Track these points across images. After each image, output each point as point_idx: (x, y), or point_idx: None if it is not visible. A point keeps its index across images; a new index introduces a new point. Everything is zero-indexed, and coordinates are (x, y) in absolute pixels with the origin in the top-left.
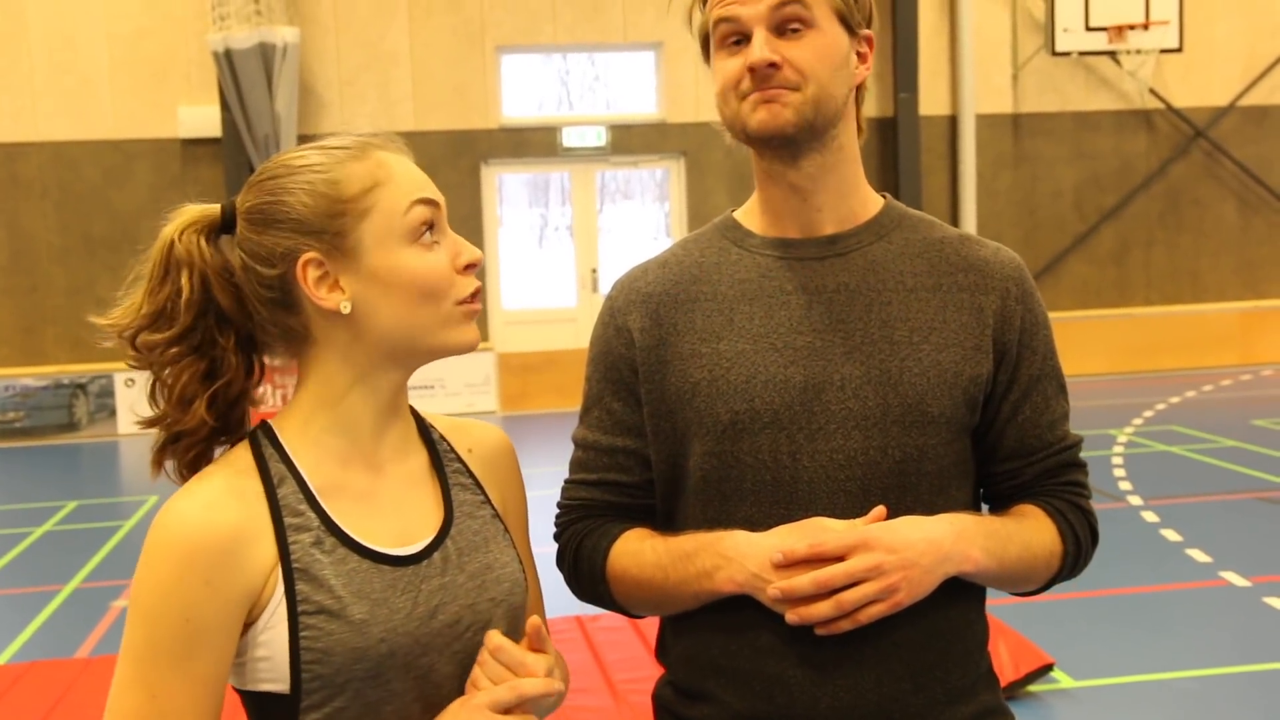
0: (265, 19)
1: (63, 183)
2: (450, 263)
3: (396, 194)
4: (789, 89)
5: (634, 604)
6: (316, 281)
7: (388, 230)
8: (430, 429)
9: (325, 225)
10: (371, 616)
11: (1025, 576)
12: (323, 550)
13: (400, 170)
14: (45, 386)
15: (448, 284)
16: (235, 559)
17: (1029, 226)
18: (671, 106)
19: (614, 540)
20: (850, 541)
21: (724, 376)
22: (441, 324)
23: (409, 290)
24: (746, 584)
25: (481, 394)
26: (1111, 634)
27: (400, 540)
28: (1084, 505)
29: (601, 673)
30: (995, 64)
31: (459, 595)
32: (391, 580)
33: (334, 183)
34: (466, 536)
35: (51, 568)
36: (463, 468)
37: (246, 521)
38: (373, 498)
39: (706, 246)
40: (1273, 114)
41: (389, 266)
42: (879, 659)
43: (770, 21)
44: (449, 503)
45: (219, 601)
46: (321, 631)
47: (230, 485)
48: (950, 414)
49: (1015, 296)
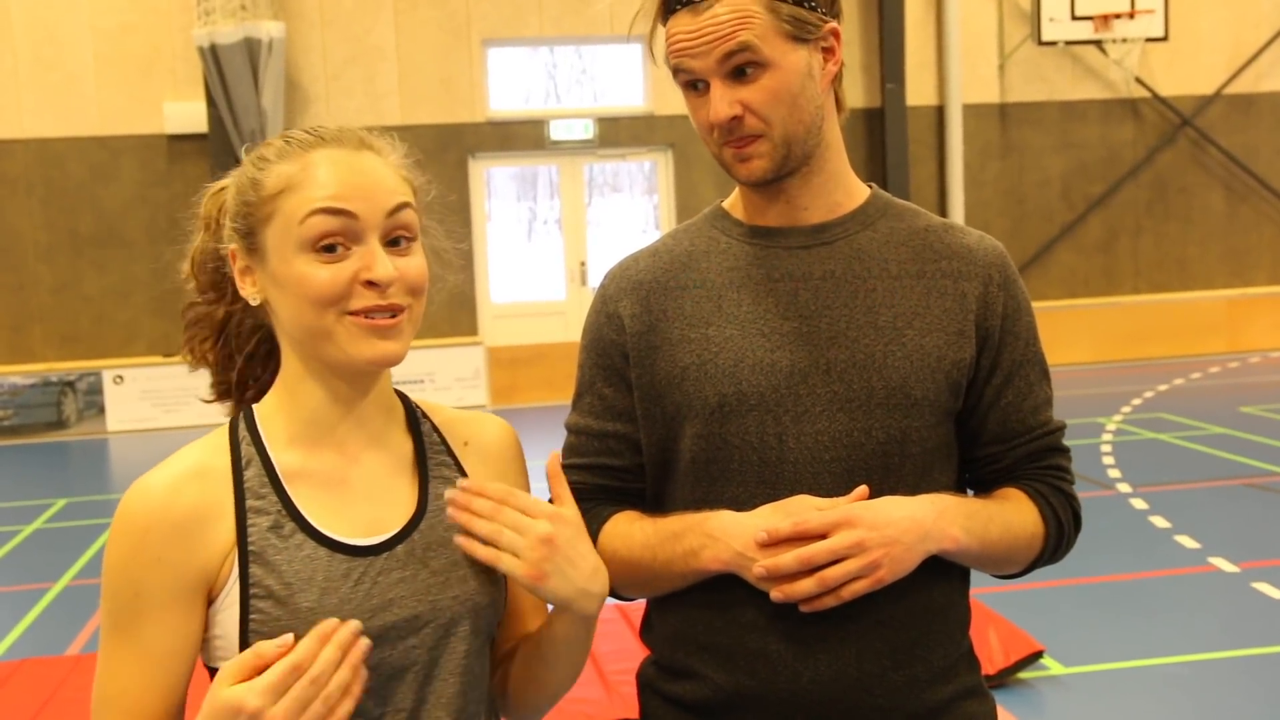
0: (250, 14)
1: (48, 179)
2: (353, 275)
3: (300, 201)
4: (756, 137)
5: (623, 585)
6: (240, 272)
7: (285, 236)
8: (423, 420)
9: (240, 223)
10: (319, 605)
11: (1006, 557)
12: (279, 535)
13: (322, 175)
14: (33, 384)
15: (336, 295)
16: (190, 538)
17: (1017, 216)
18: (659, 99)
19: (604, 523)
20: (833, 519)
21: (712, 360)
22: (329, 334)
23: (296, 298)
24: (732, 562)
25: (471, 388)
26: (1101, 620)
27: (367, 530)
28: (1066, 489)
29: (593, 663)
30: (982, 54)
31: (419, 590)
32: (346, 570)
33: (256, 183)
34: (438, 531)
35: (41, 565)
36: (451, 460)
37: (206, 501)
38: (342, 485)
39: (696, 236)
40: (1258, 102)
41: (283, 273)
42: (860, 636)
43: (723, 71)
44: (424, 495)
45: (169, 578)
46: (268, 616)
47: (197, 465)
48: (933, 398)
49: (998, 283)
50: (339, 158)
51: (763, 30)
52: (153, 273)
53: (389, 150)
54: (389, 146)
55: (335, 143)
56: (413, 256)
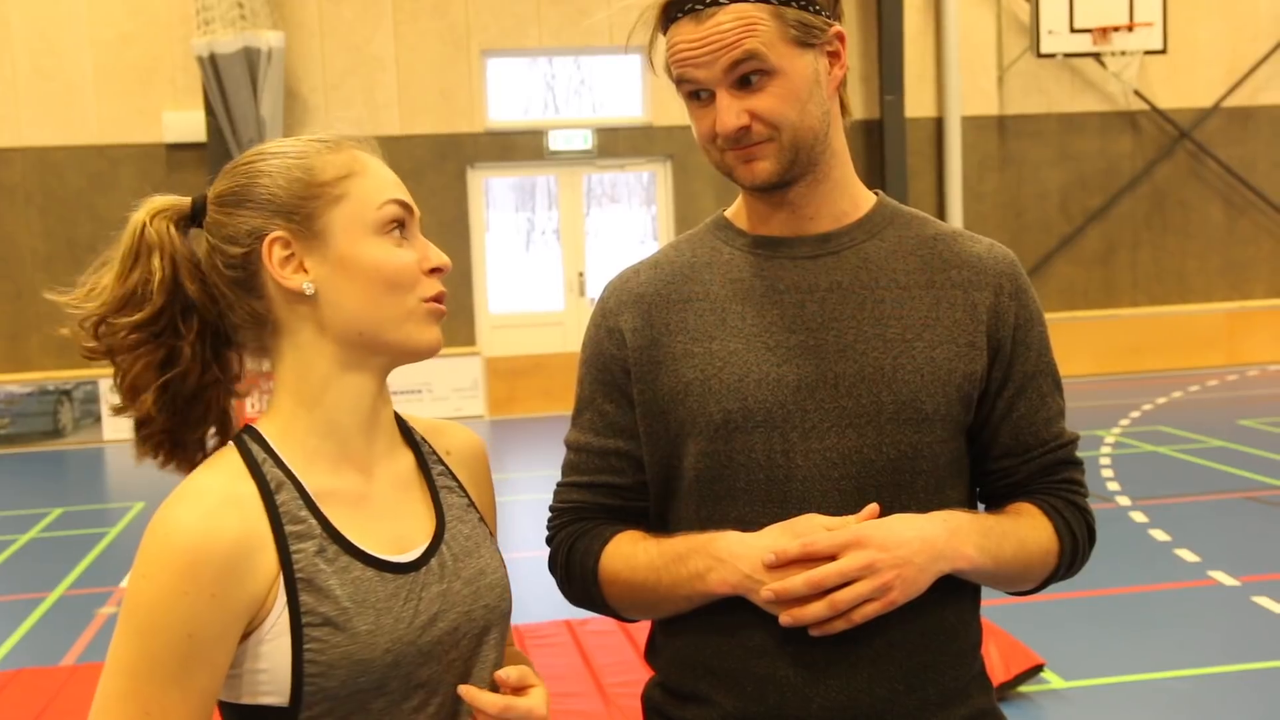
0: (250, 23)
1: (47, 188)
2: (417, 263)
3: (371, 186)
4: (764, 141)
5: (626, 607)
6: (282, 261)
7: (359, 219)
8: (412, 430)
9: (296, 206)
10: (377, 627)
11: (1021, 575)
12: (326, 559)
13: (375, 167)
14: (30, 393)
15: (413, 279)
16: (239, 570)
17: (1015, 228)
18: (658, 109)
19: (606, 543)
20: (843, 540)
21: (716, 376)
22: (404, 319)
23: (373, 279)
24: (739, 585)
25: (469, 398)
26: (1101, 634)
27: (396, 546)
28: (1080, 504)
29: (592, 676)
30: (981, 66)
31: (457, 602)
32: (394, 589)
33: (309, 168)
34: (459, 541)
35: (37, 575)
36: (446, 470)
37: (248, 530)
38: (365, 503)
39: (698, 246)
40: (1256, 115)
41: (355, 254)
42: (872, 660)
43: (729, 80)
44: (439, 506)
45: (222, 614)
46: (327, 644)
47: (227, 491)
48: (945, 411)
49: (1009, 292)
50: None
51: (769, 37)
52: None
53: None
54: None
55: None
56: None
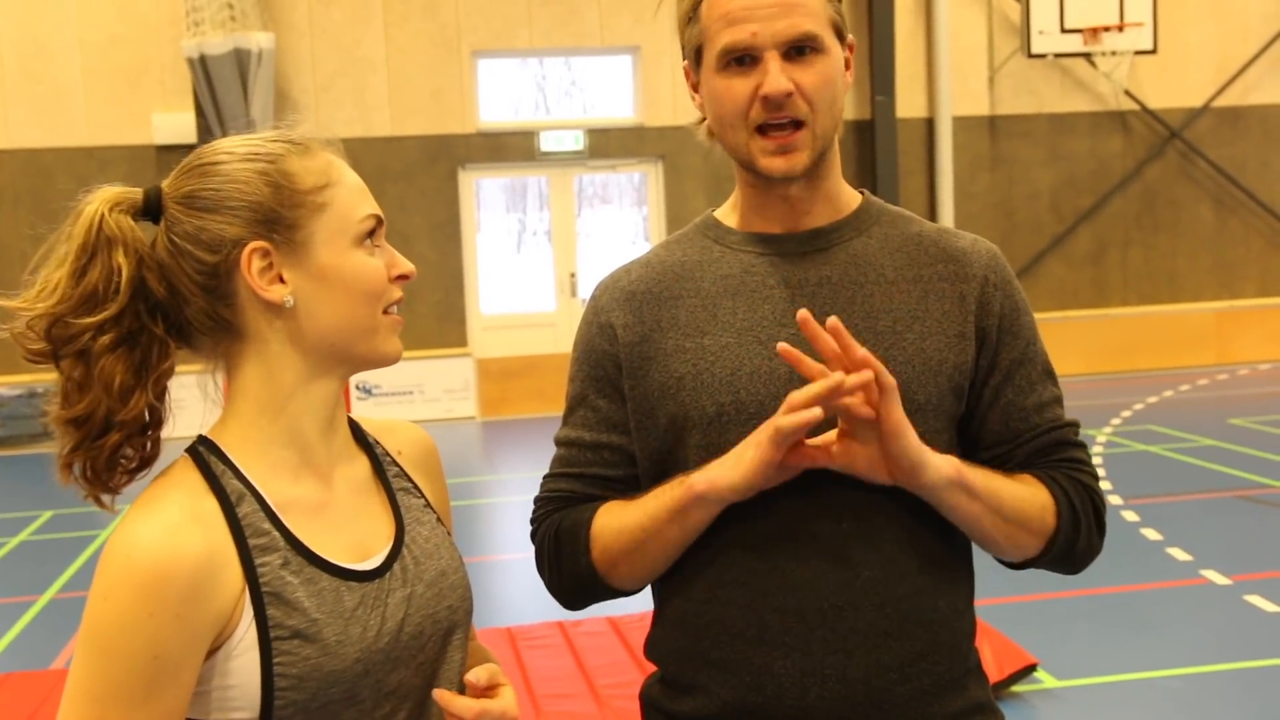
0: (240, 25)
1: (35, 190)
2: (386, 271)
3: (350, 197)
4: (799, 126)
5: (615, 562)
6: (260, 272)
7: (340, 230)
8: (364, 433)
9: (279, 216)
10: (345, 637)
11: (1015, 517)
12: (291, 571)
13: (348, 175)
14: (19, 395)
15: (384, 289)
16: (204, 587)
17: (1006, 228)
18: (649, 110)
19: (595, 511)
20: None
21: (709, 370)
22: (374, 329)
23: (353, 290)
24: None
25: (461, 400)
26: (1094, 634)
27: (358, 553)
28: (1086, 481)
29: (584, 677)
30: (971, 66)
31: (421, 606)
32: (360, 597)
33: (287, 174)
34: (419, 544)
35: (26, 578)
36: (401, 471)
37: (211, 546)
38: (325, 510)
39: (688, 246)
40: (1246, 115)
41: (338, 266)
42: (867, 649)
43: (785, 45)
44: (397, 510)
45: (188, 634)
46: (296, 657)
47: (188, 507)
48: (936, 402)
49: (994, 283)
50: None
51: (822, 14)
52: None
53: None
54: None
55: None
56: None
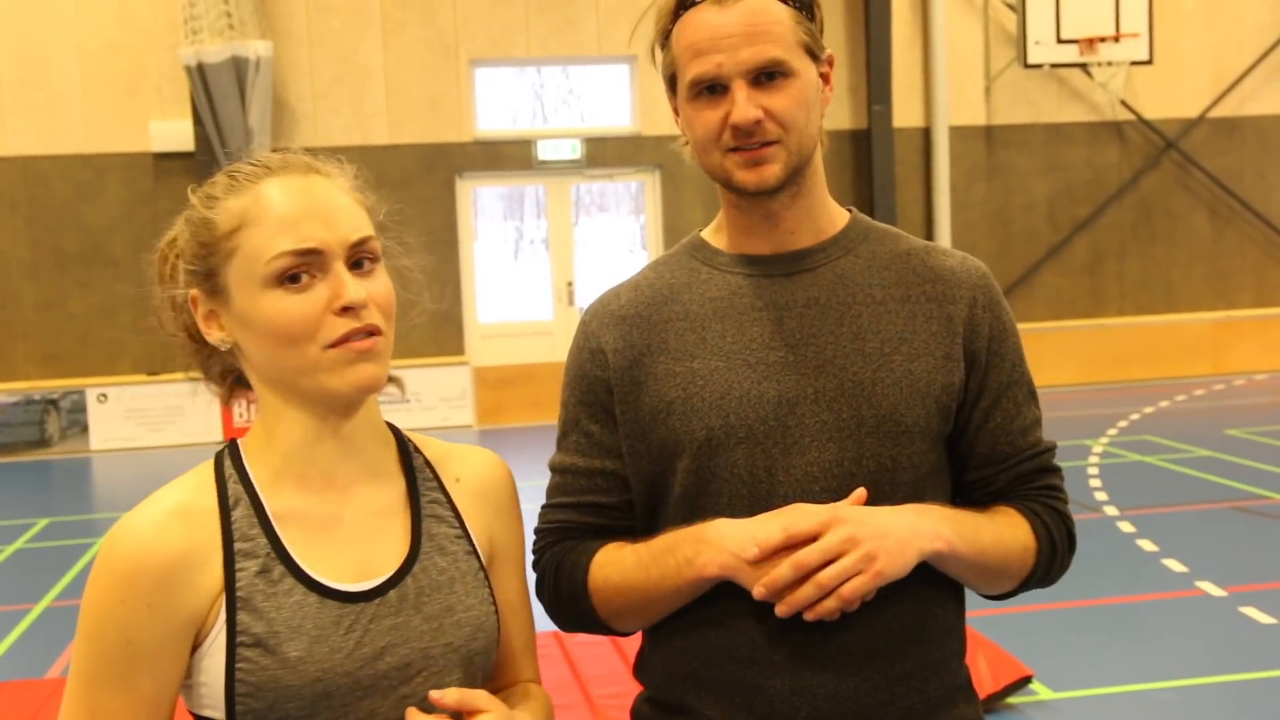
0: (238, 32)
1: (33, 197)
2: (325, 304)
3: (261, 237)
4: (771, 143)
5: (618, 613)
6: (205, 317)
7: (249, 274)
8: (414, 454)
9: (202, 264)
10: (308, 654)
11: (1000, 568)
12: (268, 580)
13: (275, 209)
14: (16, 403)
15: (311, 328)
16: (178, 582)
17: (1003, 238)
18: (646, 119)
19: (594, 554)
20: (822, 519)
21: (698, 394)
22: (311, 369)
23: (267, 335)
24: (727, 566)
25: (457, 408)
26: (1089, 645)
27: (359, 573)
28: (1060, 509)
29: (581, 689)
30: (968, 76)
31: (411, 638)
32: (337, 617)
33: (209, 222)
34: (431, 575)
35: (22, 586)
36: (443, 498)
37: (193, 544)
38: (334, 526)
39: (677, 267)
40: (1242, 125)
41: (248, 311)
42: (857, 668)
43: (750, 74)
44: (417, 536)
45: (159, 625)
46: (256, 665)
47: (182, 505)
48: (924, 423)
49: (982, 304)
50: (290, 185)
51: (790, 39)
52: (138, 291)
53: (338, 173)
54: (338, 169)
55: (282, 170)
56: (378, 279)
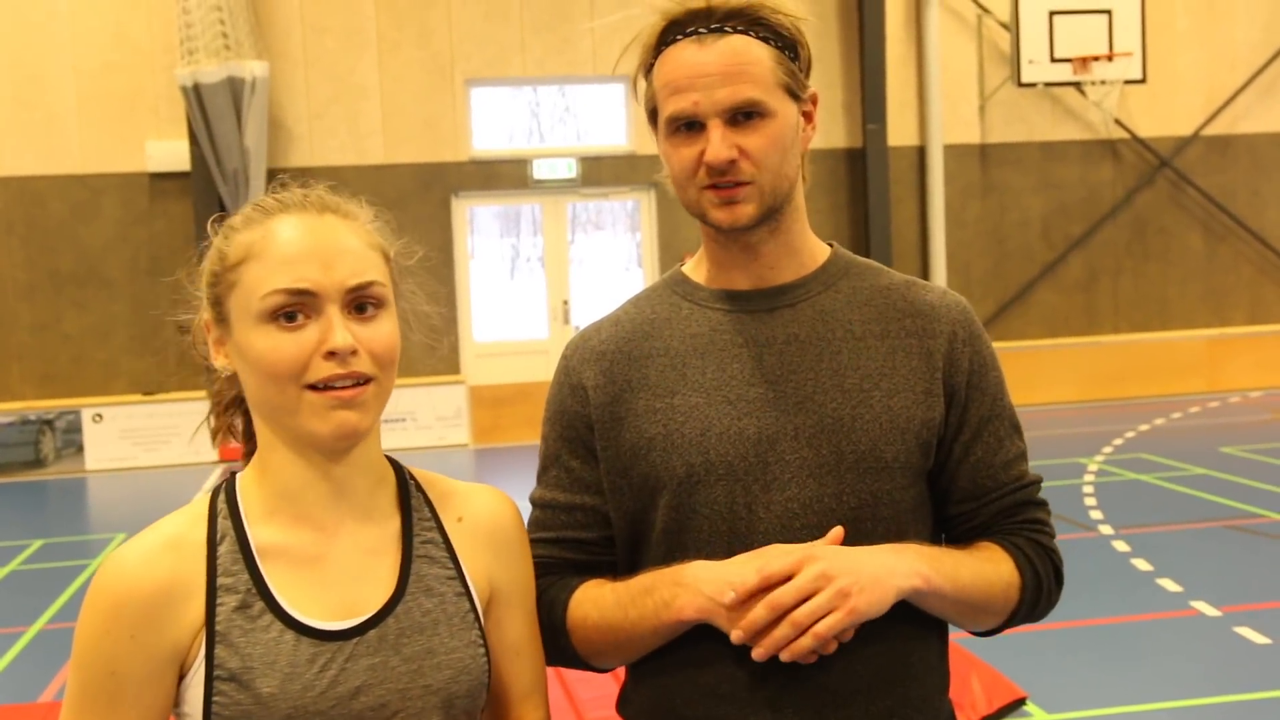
0: (234, 53)
1: (29, 218)
2: (314, 346)
3: (260, 273)
4: (744, 184)
5: (597, 652)
6: (214, 343)
7: (246, 308)
8: (415, 494)
9: (215, 291)
10: (280, 691)
11: (982, 605)
12: (246, 616)
13: (281, 246)
14: (11, 423)
15: (298, 368)
16: (161, 615)
17: (997, 256)
18: (641, 138)
19: (573, 591)
20: (796, 558)
21: (679, 431)
22: (294, 408)
23: (255, 370)
24: (704, 609)
25: (453, 427)
26: (1084, 666)
27: (342, 612)
28: (1045, 543)
29: (574, 710)
30: (962, 95)
31: (389, 678)
32: (312, 654)
33: (221, 253)
34: (414, 615)
35: (16, 609)
36: (439, 539)
37: (179, 577)
38: (320, 564)
39: (658, 303)
40: (1235, 143)
41: (242, 343)
42: (837, 706)
43: (726, 113)
44: (405, 577)
45: (143, 656)
46: (231, 700)
47: (173, 537)
48: (904, 459)
49: (962, 339)
50: (300, 223)
51: (768, 79)
52: (133, 311)
53: (357, 214)
54: (357, 210)
55: (298, 208)
56: (380, 325)
